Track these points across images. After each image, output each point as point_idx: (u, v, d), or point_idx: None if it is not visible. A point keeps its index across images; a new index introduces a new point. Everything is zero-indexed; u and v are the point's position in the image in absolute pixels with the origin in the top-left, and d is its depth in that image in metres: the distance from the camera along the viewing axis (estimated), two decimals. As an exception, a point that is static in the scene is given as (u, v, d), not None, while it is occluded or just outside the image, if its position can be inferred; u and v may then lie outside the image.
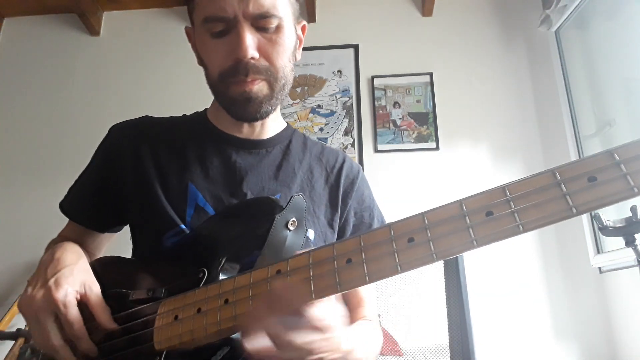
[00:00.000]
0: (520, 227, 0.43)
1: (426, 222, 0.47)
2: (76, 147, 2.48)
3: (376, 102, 2.61)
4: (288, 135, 0.90)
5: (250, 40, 0.72)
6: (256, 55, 0.72)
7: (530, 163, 2.41)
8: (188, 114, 0.94)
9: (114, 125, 0.89)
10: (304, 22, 0.86)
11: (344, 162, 0.91)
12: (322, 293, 0.51)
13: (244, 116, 0.80)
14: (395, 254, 0.47)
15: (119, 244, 0.97)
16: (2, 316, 2.14)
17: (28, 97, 2.78)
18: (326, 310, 0.52)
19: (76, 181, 0.90)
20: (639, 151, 0.40)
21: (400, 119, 2.58)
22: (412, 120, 2.57)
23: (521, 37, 2.65)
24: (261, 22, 0.73)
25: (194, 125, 0.88)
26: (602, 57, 2.31)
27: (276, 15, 0.73)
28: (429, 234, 0.46)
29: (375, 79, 2.64)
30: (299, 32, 0.85)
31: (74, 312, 0.64)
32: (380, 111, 2.60)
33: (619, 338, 2.06)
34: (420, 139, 2.53)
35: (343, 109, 2.63)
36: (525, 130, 2.49)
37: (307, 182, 0.85)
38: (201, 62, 0.81)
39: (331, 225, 0.84)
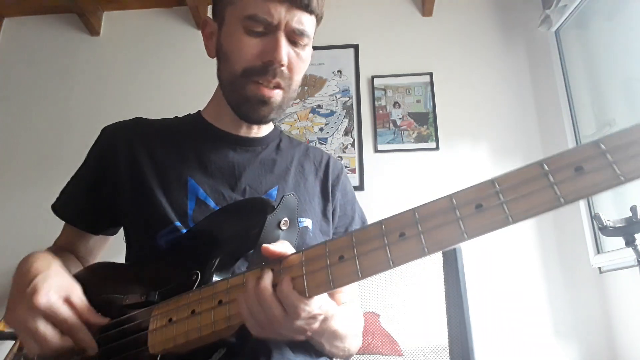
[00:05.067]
0: (510, 218, 0.43)
1: (417, 217, 0.47)
2: (76, 147, 2.47)
3: (376, 102, 2.61)
4: (277, 135, 0.94)
5: (286, 49, 0.76)
6: (287, 63, 0.77)
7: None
8: (187, 114, 0.94)
9: (106, 127, 0.89)
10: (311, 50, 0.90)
11: (329, 158, 0.97)
12: (315, 290, 0.51)
13: (251, 117, 0.82)
14: (387, 248, 0.48)
15: (114, 249, 0.97)
16: (2, 316, 2.14)
17: (28, 97, 2.78)
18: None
19: (68, 183, 0.90)
20: (624, 140, 0.40)
21: (400, 119, 2.57)
22: (412, 120, 2.57)
23: (521, 37, 2.65)
24: (296, 37, 0.77)
25: (189, 125, 0.90)
26: (602, 57, 2.30)
27: (309, 36, 0.79)
28: (420, 228, 0.47)
29: (375, 79, 2.64)
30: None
31: (62, 309, 0.62)
32: (380, 111, 2.60)
33: (619, 338, 2.06)
34: (420, 139, 2.53)
35: (343, 109, 2.63)
36: (525, 130, 2.49)
37: (299, 175, 0.89)
38: (219, 55, 0.82)
39: (325, 216, 0.87)
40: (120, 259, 0.84)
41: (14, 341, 2.03)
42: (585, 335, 2.13)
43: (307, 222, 0.82)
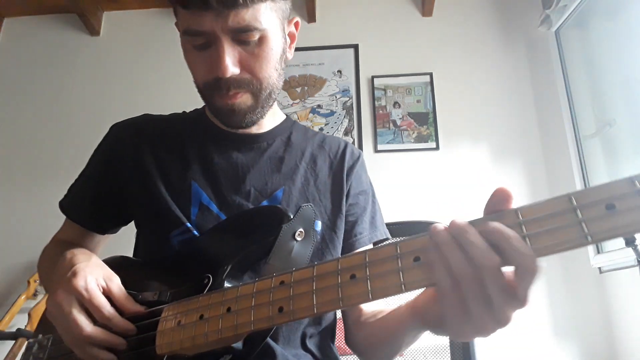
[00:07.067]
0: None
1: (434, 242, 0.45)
2: (76, 147, 2.47)
3: (376, 102, 2.61)
4: (288, 127, 0.89)
5: (230, 58, 0.69)
6: (237, 71, 0.70)
7: (530, 163, 2.42)
8: (194, 109, 0.93)
9: (114, 125, 0.89)
10: (297, 19, 0.84)
11: (346, 146, 0.90)
12: (323, 307, 0.49)
13: (230, 125, 0.80)
14: (400, 273, 0.46)
15: (119, 243, 0.97)
16: (2, 316, 2.14)
17: (28, 97, 2.77)
18: None
19: (77, 180, 0.89)
20: None
21: (400, 119, 2.58)
22: (412, 120, 2.57)
23: (521, 37, 2.65)
24: (242, 36, 0.69)
25: (193, 123, 0.88)
26: (602, 57, 2.30)
27: (258, 28, 0.69)
28: (437, 255, 0.44)
29: (375, 79, 2.64)
30: (292, 29, 0.82)
31: (98, 295, 0.62)
32: (380, 111, 2.60)
33: (619, 338, 2.06)
34: (420, 139, 2.53)
35: (343, 109, 2.63)
36: (525, 130, 2.49)
37: (310, 172, 0.84)
38: None
39: (339, 211, 0.82)
40: (123, 249, 0.84)
41: (14, 341, 2.03)
42: (585, 335, 2.14)
43: (316, 225, 0.79)
